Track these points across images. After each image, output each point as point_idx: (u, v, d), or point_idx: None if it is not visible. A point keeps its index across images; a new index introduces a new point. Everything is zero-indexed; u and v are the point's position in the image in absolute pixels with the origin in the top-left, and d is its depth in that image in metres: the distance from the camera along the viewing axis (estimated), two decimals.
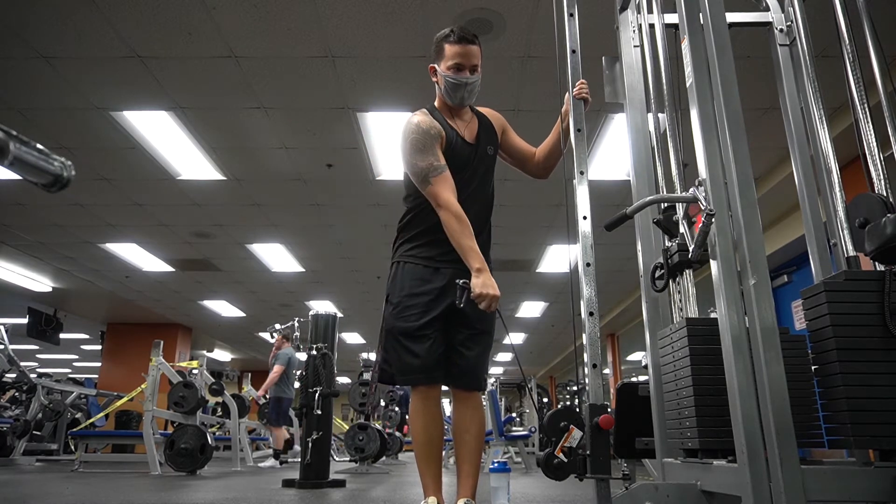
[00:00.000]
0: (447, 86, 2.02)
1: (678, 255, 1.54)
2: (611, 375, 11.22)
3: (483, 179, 2.12)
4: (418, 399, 1.99)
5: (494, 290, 1.85)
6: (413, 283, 2.01)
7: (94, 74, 3.81)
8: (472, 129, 2.13)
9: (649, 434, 1.66)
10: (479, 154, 2.10)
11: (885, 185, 1.44)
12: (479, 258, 1.89)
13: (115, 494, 3.22)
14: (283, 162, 5.02)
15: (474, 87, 2.04)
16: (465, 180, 2.05)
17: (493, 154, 2.17)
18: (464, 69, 2.00)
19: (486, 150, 2.13)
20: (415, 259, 2.04)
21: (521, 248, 7.15)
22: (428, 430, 1.97)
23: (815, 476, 1.18)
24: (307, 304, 9.75)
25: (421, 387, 1.98)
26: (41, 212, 6.04)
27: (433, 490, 1.94)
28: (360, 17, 3.31)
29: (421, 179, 1.97)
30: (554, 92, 3.76)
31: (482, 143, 2.13)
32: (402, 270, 2.05)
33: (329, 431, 4.18)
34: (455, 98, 2.04)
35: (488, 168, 2.15)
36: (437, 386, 2.00)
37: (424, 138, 1.99)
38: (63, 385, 8.25)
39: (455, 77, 2.00)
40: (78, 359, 16.12)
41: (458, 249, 1.92)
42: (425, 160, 1.97)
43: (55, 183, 0.71)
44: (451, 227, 1.91)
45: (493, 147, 2.17)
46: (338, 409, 13.00)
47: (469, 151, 2.08)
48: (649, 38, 1.92)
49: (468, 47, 1.99)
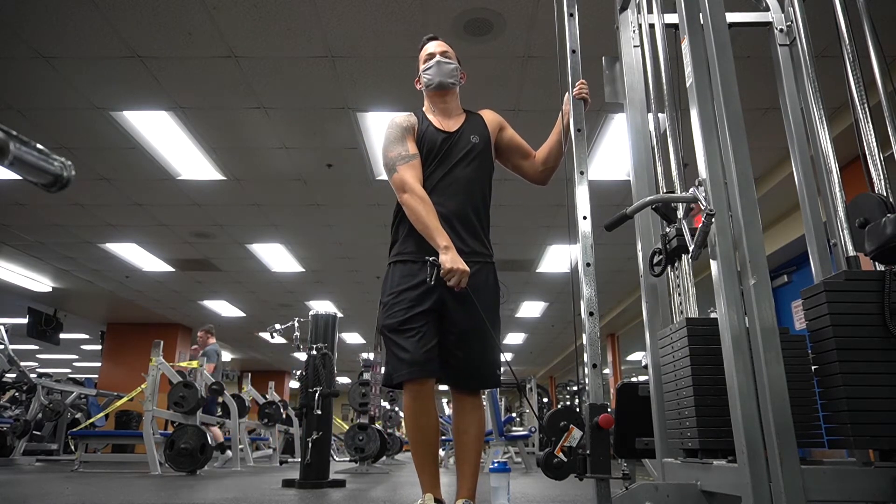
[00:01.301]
0: (425, 79, 2.16)
1: (676, 239, 1.54)
2: (611, 375, 11.22)
3: (464, 165, 2.09)
4: (409, 396, 1.95)
5: (463, 265, 1.87)
6: (401, 281, 2.01)
7: (94, 74, 3.81)
8: (456, 122, 2.17)
9: (649, 434, 1.66)
10: (455, 141, 2.11)
11: (885, 185, 1.44)
12: (444, 236, 1.91)
13: (115, 494, 3.22)
14: (283, 162, 5.02)
15: (447, 66, 2.14)
16: (442, 166, 2.07)
17: (480, 144, 2.14)
18: (434, 55, 2.16)
19: (468, 138, 2.13)
20: (402, 256, 2.05)
21: (521, 248, 7.15)
22: (421, 427, 1.95)
23: (815, 476, 1.18)
24: (307, 304, 9.75)
25: (411, 383, 1.93)
26: (41, 212, 6.04)
27: (430, 486, 1.93)
28: (360, 17, 3.31)
29: (389, 169, 2.04)
30: (554, 92, 3.77)
31: (464, 132, 2.14)
32: (393, 270, 2.06)
33: (329, 431, 4.18)
34: (434, 83, 2.14)
35: (471, 155, 2.11)
36: (429, 381, 1.95)
37: (397, 131, 2.09)
38: (63, 385, 8.25)
39: (427, 64, 2.16)
40: (78, 359, 16.12)
41: (423, 231, 1.94)
42: (395, 150, 2.05)
43: (55, 183, 0.71)
44: (413, 208, 1.95)
45: (480, 137, 2.15)
46: (338, 409, 13.02)
47: (444, 140, 2.11)
48: (649, 38, 1.92)
49: (435, 41, 2.20)
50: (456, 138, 2.12)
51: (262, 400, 8.73)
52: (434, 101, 2.19)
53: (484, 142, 2.17)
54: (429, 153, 2.09)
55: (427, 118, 2.15)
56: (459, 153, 2.10)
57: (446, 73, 2.14)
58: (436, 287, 1.95)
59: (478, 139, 2.15)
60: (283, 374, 17.18)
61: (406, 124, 2.10)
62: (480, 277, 2.03)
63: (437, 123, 2.14)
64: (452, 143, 2.11)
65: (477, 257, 2.05)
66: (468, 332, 1.99)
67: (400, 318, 1.95)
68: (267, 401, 8.76)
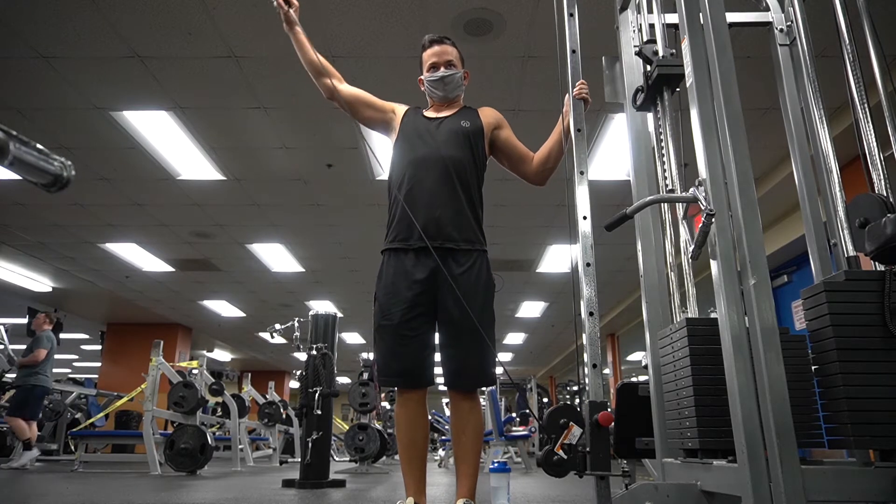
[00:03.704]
0: (428, 86, 2.18)
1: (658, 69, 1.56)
2: (611, 375, 11.22)
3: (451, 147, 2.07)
4: (401, 402, 1.99)
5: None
6: (395, 278, 1.98)
7: (94, 74, 3.82)
8: (450, 112, 2.19)
9: (649, 434, 1.66)
10: (441, 125, 2.12)
11: (885, 185, 1.44)
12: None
13: (115, 494, 3.22)
14: (283, 162, 5.02)
15: (452, 79, 2.15)
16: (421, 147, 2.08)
17: (471, 129, 2.12)
18: (438, 66, 2.15)
19: (458, 122, 2.13)
20: (393, 243, 2.03)
21: (521, 248, 7.15)
22: (409, 432, 1.97)
23: (815, 476, 1.18)
24: (307, 304, 9.75)
25: (402, 390, 1.98)
26: (41, 212, 6.04)
27: (413, 490, 1.95)
28: (360, 17, 3.31)
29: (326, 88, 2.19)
30: (554, 92, 3.77)
31: (454, 119, 2.15)
32: (387, 262, 2.04)
33: (329, 431, 4.18)
34: (437, 94, 2.17)
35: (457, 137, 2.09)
36: (421, 390, 1.98)
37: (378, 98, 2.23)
38: (63, 385, 8.26)
39: (431, 75, 2.16)
40: (78, 359, 16.12)
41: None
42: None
43: (55, 183, 0.71)
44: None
45: (470, 122, 2.14)
46: (338, 409, 13.01)
47: (427, 123, 2.14)
48: (649, 38, 1.92)
49: (439, 47, 2.16)
50: (443, 121, 2.13)
51: (262, 400, 8.74)
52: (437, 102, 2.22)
53: (475, 128, 2.14)
54: (413, 131, 2.11)
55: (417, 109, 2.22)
56: (444, 134, 2.09)
57: (452, 88, 2.17)
58: (431, 287, 1.95)
59: (468, 124, 2.13)
60: (283, 374, 17.18)
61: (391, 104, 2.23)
62: (472, 274, 1.97)
63: (429, 113, 2.20)
64: (439, 124, 2.12)
65: (466, 244, 1.99)
66: (462, 332, 1.94)
67: (395, 322, 1.94)
68: (267, 401, 8.77)
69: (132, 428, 9.34)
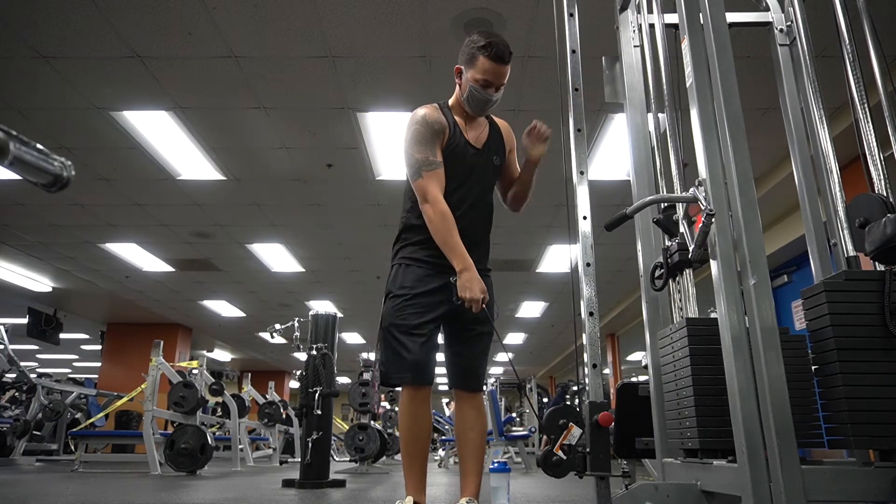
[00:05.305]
0: (471, 96, 2.03)
1: (678, 254, 1.54)
2: (611, 375, 11.22)
3: (485, 187, 2.12)
4: (406, 398, 1.98)
5: (475, 292, 1.87)
6: (415, 283, 2.00)
7: (94, 74, 3.81)
8: (483, 135, 2.13)
9: (649, 434, 1.66)
10: (484, 161, 2.10)
11: (885, 185, 1.44)
12: (463, 257, 1.90)
13: (115, 494, 3.22)
14: (283, 162, 5.02)
15: (496, 103, 2.07)
16: (468, 185, 2.05)
17: (499, 165, 2.16)
18: (491, 86, 2.00)
19: (492, 159, 2.13)
20: (418, 263, 2.03)
21: (521, 248, 7.14)
22: (413, 429, 1.98)
23: (815, 476, 1.18)
24: (307, 304, 9.75)
25: (410, 386, 1.98)
26: (41, 212, 6.04)
27: (413, 489, 1.95)
28: (360, 17, 3.31)
29: (413, 171, 1.99)
30: (554, 92, 3.76)
31: (490, 151, 2.12)
32: (405, 271, 2.04)
33: (329, 431, 4.18)
34: (474, 109, 2.07)
35: (491, 177, 2.15)
36: (427, 387, 1.99)
37: (427, 131, 2.00)
38: (63, 385, 8.26)
39: (481, 92, 2.00)
40: (78, 359, 16.11)
41: (442, 246, 1.93)
42: (422, 153, 1.98)
43: (55, 183, 0.71)
44: (435, 223, 1.93)
45: (500, 158, 2.16)
46: (338, 409, 13.01)
47: (473, 156, 2.08)
48: (649, 38, 1.92)
49: (502, 67, 1.99)
50: (483, 157, 2.11)
51: (262, 400, 8.74)
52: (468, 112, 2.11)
53: (501, 161, 2.18)
54: (455, 165, 2.03)
55: (458, 125, 2.08)
56: (483, 173, 2.11)
57: (489, 110, 2.10)
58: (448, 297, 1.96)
59: (499, 161, 2.15)
60: (283, 374, 17.18)
61: (437, 126, 2.02)
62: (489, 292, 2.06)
63: (468, 135, 2.09)
64: (479, 160, 2.10)
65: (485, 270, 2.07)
66: (478, 334, 2.04)
67: (412, 322, 1.96)
68: (267, 401, 8.76)
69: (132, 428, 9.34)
